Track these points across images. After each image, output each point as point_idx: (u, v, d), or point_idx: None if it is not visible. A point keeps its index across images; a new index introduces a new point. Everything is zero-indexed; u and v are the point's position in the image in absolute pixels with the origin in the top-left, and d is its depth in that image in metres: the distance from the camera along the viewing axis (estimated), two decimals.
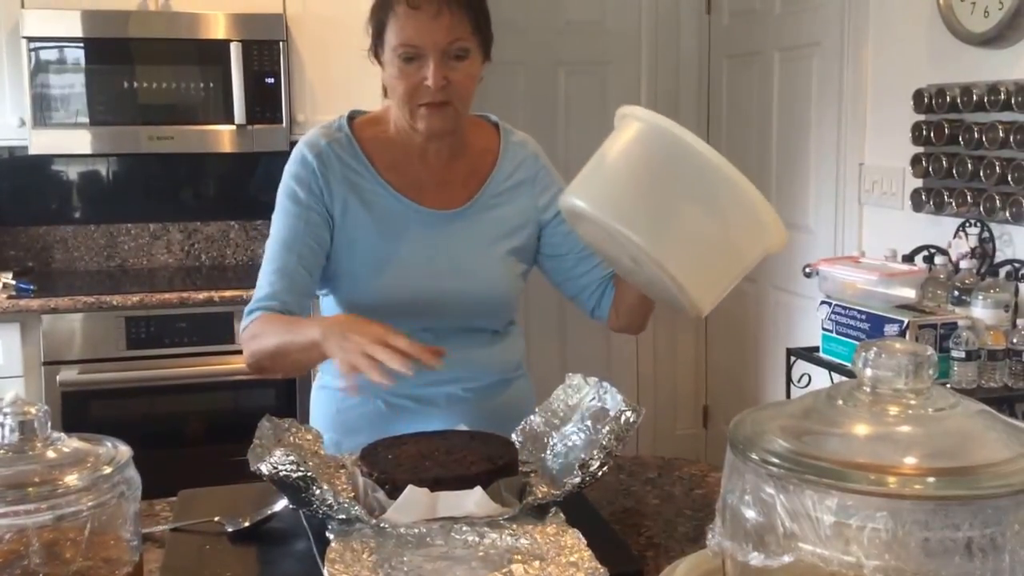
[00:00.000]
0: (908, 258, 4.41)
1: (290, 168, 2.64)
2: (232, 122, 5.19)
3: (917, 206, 4.43)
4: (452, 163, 2.70)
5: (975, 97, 4.03)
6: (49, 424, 1.54)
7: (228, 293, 4.97)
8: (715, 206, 2.05)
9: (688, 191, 2.04)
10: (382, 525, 1.92)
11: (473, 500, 1.99)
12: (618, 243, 2.11)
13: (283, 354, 2.45)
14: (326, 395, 2.77)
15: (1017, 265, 3.91)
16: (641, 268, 2.16)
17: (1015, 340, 3.76)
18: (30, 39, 4.99)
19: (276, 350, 2.45)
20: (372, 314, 2.53)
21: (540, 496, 2.05)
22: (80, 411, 4.82)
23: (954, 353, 3.74)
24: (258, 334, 2.49)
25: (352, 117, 2.72)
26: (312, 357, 2.42)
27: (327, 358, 2.35)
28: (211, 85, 5.20)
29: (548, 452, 2.28)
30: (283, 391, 4.79)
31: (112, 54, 5.13)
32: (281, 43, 5.23)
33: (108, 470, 1.51)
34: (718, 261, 2.13)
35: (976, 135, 4.02)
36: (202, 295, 4.99)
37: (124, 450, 1.57)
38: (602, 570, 1.78)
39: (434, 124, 2.53)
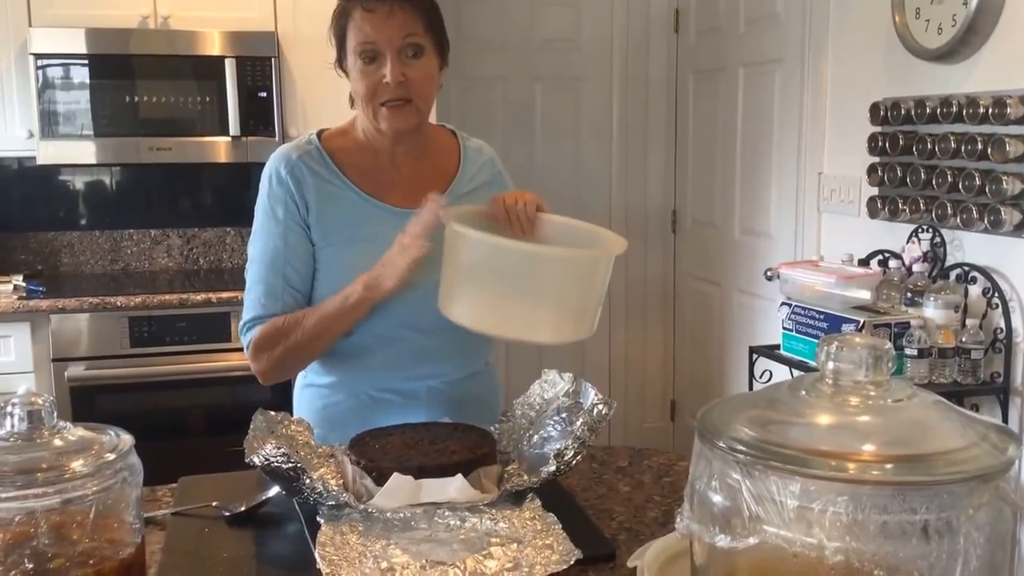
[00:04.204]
0: (864, 262, 4.41)
1: (265, 186, 2.64)
2: (227, 134, 5.19)
3: (873, 213, 4.43)
4: (419, 163, 2.71)
5: (928, 110, 4.03)
6: (55, 414, 1.53)
7: (225, 294, 4.96)
8: (558, 277, 2.25)
9: (532, 282, 2.23)
10: (369, 510, 1.92)
11: (455, 487, 1.99)
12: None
13: (325, 329, 2.54)
14: (311, 392, 2.76)
15: (967, 268, 3.92)
16: None
17: (964, 339, 3.77)
18: (37, 56, 4.97)
19: (315, 330, 2.54)
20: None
21: (518, 483, 2.05)
22: (87, 405, 4.81)
23: (907, 351, 3.75)
24: (278, 333, 2.56)
25: (320, 133, 2.73)
26: (358, 316, 2.52)
27: (375, 302, 2.49)
28: (207, 99, 5.19)
29: (525, 442, 2.28)
30: (277, 385, 4.76)
31: (115, 70, 5.11)
32: (273, 59, 5.23)
33: (111, 457, 1.51)
34: (576, 308, 2.30)
35: (929, 146, 4.02)
36: (200, 296, 4.99)
37: (126, 438, 1.57)
38: (576, 552, 1.78)
39: (396, 123, 2.55)
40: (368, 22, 2.49)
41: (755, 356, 4.52)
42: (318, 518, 1.90)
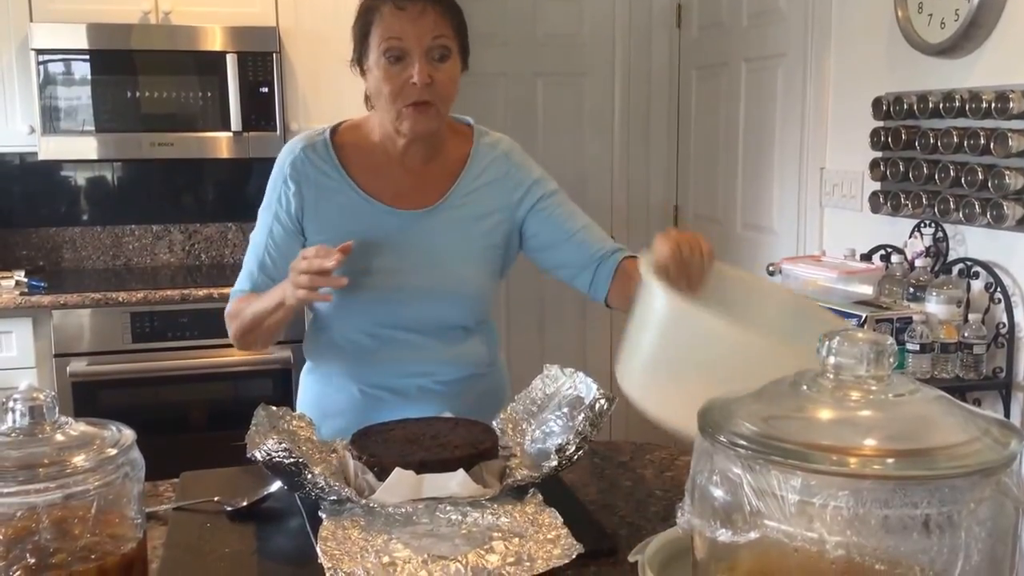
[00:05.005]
0: (866, 257, 4.41)
1: (273, 171, 2.69)
2: (229, 129, 5.18)
3: (875, 208, 4.43)
4: (428, 165, 2.69)
5: (931, 104, 4.02)
6: (57, 409, 1.53)
7: (227, 290, 4.87)
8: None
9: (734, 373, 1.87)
10: (371, 505, 1.92)
11: (456, 482, 1.99)
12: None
13: (257, 323, 2.58)
14: (310, 380, 2.81)
15: (969, 263, 3.92)
16: None
17: (966, 334, 3.77)
18: (39, 51, 4.97)
19: (252, 320, 2.59)
20: (352, 313, 2.56)
21: (519, 478, 2.05)
22: (89, 401, 4.81)
23: (909, 346, 3.74)
24: (236, 312, 2.66)
25: (339, 124, 2.73)
26: (281, 316, 2.53)
27: (293, 310, 2.49)
28: (209, 94, 5.19)
29: (527, 437, 2.28)
30: (279, 381, 4.77)
31: (116, 65, 5.11)
32: (275, 54, 5.22)
33: (113, 452, 1.51)
34: None
35: (931, 140, 4.01)
36: (202, 292, 4.99)
37: (128, 433, 1.57)
38: (578, 546, 1.78)
39: (418, 126, 2.53)
40: (398, 20, 2.46)
41: None
42: (320, 513, 1.91)
